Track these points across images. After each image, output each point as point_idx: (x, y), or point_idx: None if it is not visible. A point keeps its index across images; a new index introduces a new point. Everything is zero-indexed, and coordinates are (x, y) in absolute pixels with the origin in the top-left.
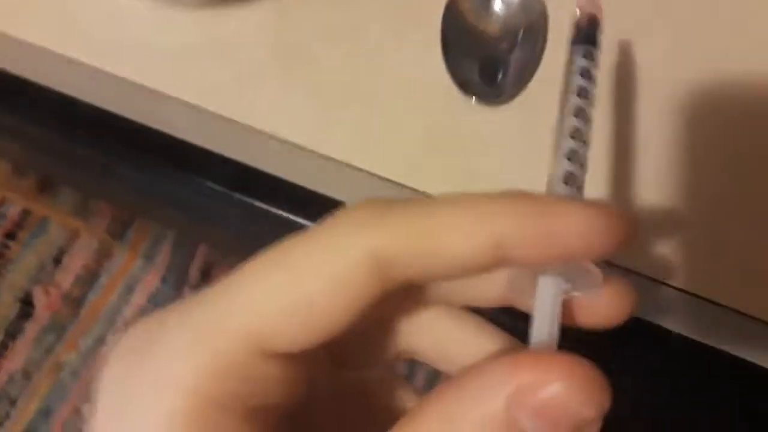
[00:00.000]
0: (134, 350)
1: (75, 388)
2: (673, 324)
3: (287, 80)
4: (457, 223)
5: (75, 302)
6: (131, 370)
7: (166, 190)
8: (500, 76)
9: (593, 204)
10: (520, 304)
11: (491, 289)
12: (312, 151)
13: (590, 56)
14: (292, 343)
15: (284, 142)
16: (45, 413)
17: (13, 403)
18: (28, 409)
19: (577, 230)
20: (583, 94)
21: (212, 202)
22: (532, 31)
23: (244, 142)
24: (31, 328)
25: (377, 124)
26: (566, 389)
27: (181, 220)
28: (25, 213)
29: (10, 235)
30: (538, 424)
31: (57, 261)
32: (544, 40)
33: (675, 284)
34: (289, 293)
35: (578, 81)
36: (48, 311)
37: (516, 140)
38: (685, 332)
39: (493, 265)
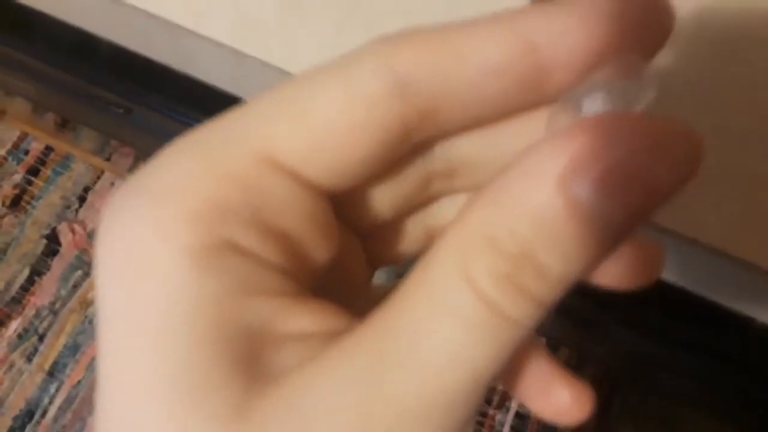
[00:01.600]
0: (132, 192)
1: None
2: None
3: (344, 17)
4: (478, 26)
5: None
6: (128, 214)
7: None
8: None
9: None
10: None
11: None
12: None
13: None
14: (313, 163)
15: None
16: (73, 349)
17: (41, 338)
18: (56, 345)
19: (610, 9)
20: None
21: None
22: None
23: None
24: (57, 265)
25: None
26: (633, 148)
27: None
28: (48, 149)
29: (33, 171)
30: (605, 199)
31: (82, 199)
32: None
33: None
34: (306, 108)
35: None
36: (75, 249)
37: None
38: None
39: (528, 85)
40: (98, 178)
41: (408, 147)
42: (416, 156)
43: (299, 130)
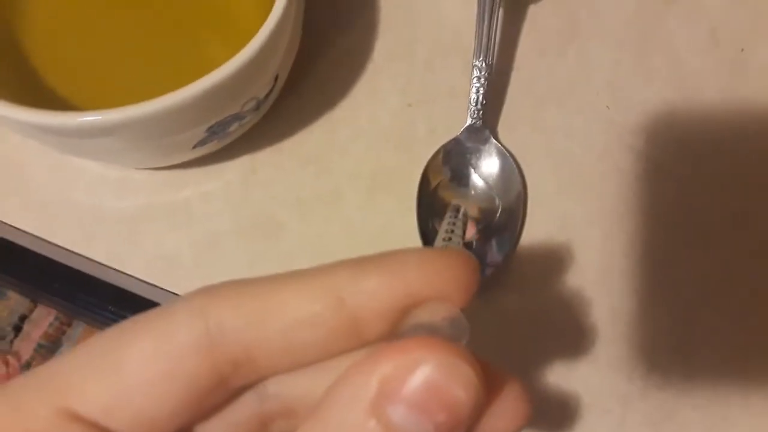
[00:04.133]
0: None
1: None
2: None
3: (252, 252)
4: (291, 281)
5: None
6: None
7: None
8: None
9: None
10: None
11: None
12: None
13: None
14: (116, 415)
15: None
16: None
17: None
18: None
19: (414, 267)
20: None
21: None
22: (509, 214)
23: None
24: None
25: None
26: (436, 368)
27: None
28: None
29: None
30: (414, 418)
31: (17, 329)
32: (522, 224)
33: None
34: (113, 358)
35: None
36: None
37: (497, 325)
38: None
39: (344, 333)
40: (35, 306)
41: (228, 392)
42: (249, 396)
43: (103, 382)
